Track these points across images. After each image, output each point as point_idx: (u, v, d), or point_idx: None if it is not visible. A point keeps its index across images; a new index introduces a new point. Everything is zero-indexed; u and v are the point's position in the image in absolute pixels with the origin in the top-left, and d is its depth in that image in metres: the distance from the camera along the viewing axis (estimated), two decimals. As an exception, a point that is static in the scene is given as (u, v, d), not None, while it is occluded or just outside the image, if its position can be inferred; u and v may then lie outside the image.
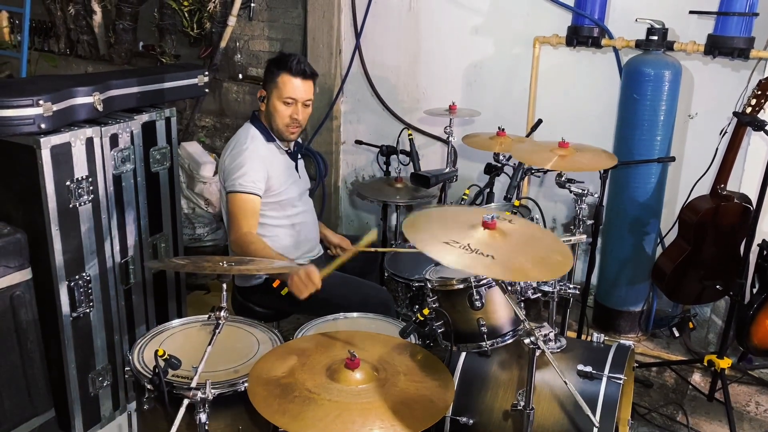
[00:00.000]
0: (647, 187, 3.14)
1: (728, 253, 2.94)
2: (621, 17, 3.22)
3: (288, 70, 2.52)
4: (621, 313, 3.37)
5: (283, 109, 2.54)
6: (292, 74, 2.52)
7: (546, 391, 1.93)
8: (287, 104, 2.54)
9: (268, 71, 2.58)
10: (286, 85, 2.52)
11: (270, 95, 2.56)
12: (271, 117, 2.57)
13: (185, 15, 4.19)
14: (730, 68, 3.10)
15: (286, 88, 2.52)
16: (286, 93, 2.53)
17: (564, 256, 1.73)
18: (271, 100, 2.56)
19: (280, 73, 2.53)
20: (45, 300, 2.40)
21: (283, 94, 2.53)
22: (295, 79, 2.53)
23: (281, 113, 2.55)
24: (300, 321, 2.45)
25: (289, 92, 2.53)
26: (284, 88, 2.53)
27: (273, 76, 2.54)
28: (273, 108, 2.56)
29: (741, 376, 3.04)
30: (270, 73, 2.56)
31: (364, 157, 4.11)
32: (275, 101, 2.55)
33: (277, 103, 2.54)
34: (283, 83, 2.52)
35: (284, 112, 2.55)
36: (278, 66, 2.54)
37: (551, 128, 3.35)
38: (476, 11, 3.57)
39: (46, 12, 4.78)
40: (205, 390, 1.69)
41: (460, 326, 1.97)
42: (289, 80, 2.52)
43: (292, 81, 2.52)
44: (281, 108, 2.54)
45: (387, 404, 1.58)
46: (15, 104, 2.21)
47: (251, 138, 2.57)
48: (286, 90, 2.53)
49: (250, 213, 2.48)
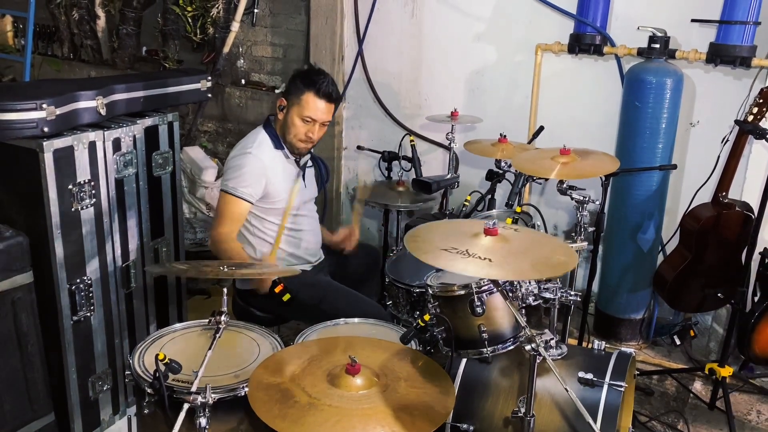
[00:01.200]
0: (649, 194, 3.14)
1: (730, 261, 2.94)
2: (623, 25, 3.23)
3: (315, 91, 2.52)
4: (622, 320, 3.36)
5: (301, 126, 2.55)
6: (318, 95, 2.52)
7: (547, 398, 1.93)
8: (306, 122, 2.55)
9: (293, 84, 2.57)
10: (309, 104, 2.53)
11: (290, 108, 2.56)
12: (287, 129, 2.58)
13: (188, 20, 4.21)
14: (732, 76, 3.10)
15: (309, 107, 2.53)
16: (308, 112, 2.53)
17: (568, 256, 1.73)
18: (290, 113, 2.56)
19: (305, 91, 2.52)
20: (46, 303, 2.40)
21: (305, 112, 2.53)
22: (320, 100, 2.53)
23: (298, 129, 2.56)
24: (300, 326, 2.45)
25: (311, 112, 2.53)
26: (306, 107, 2.53)
27: (298, 91, 2.54)
28: (291, 121, 2.56)
29: (742, 385, 3.03)
30: (295, 87, 2.56)
31: (366, 163, 4.12)
32: (294, 116, 2.55)
33: (296, 118, 2.55)
34: (306, 102, 2.53)
35: (301, 128, 2.56)
36: (306, 83, 2.53)
37: (553, 135, 3.36)
38: (478, 18, 3.58)
39: (50, 16, 4.80)
40: (206, 394, 1.69)
41: (461, 332, 1.97)
42: (313, 101, 2.52)
43: (316, 102, 2.53)
44: (299, 124, 2.55)
45: (387, 410, 1.58)
46: (18, 108, 2.21)
47: (258, 143, 2.57)
48: (308, 109, 2.53)
49: (235, 216, 2.53)
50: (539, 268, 1.70)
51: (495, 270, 1.65)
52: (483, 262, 1.66)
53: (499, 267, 1.66)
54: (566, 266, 1.73)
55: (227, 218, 2.52)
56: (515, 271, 1.70)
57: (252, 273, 2.12)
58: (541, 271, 1.71)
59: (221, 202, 2.54)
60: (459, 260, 1.67)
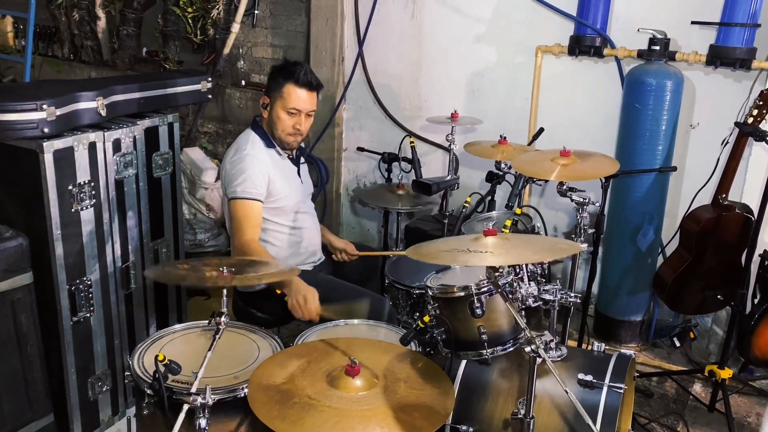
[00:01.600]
0: (649, 196, 3.14)
1: (729, 263, 2.94)
2: (623, 27, 3.23)
3: (294, 81, 2.51)
4: (622, 322, 3.36)
5: (287, 119, 2.55)
6: (298, 85, 2.51)
7: (546, 399, 1.92)
8: (291, 114, 2.54)
9: (272, 79, 2.58)
10: (291, 95, 2.52)
11: (273, 104, 2.56)
12: (273, 125, 2.57)
13: (189, 21, 4.21)
14: (731, 79, 3.11)
15: (291, 98, 2.52)
16: (291, 104, 2.53)
17: (570, 245, 1.74)
18: (274, 108, 2.56)
19: (285, 83, 2.52)
20: (46, 304, 2.40)
21: (288, 104, 2.53)
22: (301, 90, 2.52)
23: (284, 122, 2.55)
24: (300, 327, 2.45)
25: (294, 103, 2.53)
26: (289, 99, 2.52)
27: (278, 85, 2.54)
28: (276, 116, 2.55)
29: (742, 387, 3.03)
30: (275, 82, 2.55)
31: (366, 164, 4.12)
32: (279, 110, 2.55)
33: (281, 112, 2.54)
34: (288, 93, 2.52)
35: (287, 121, 2.55)
36: (284, 76, 2.53)
37: (553, 137, 3.36)
38: (479, 20, 3.58)
39: (50, 17, 4.80)
40: (205, 395, 1.69)
41: (460, 334, 1.97)
42: (294, 91, 2.52)
43: (297, 92, 2.52)
44: (284, 117, 2.54)
45: (387, 411, 1.58)
46: (19, 108, 2.21)
47: (251, 143, 2.57)
48: (291, 100, 2.52)
49: (253, 220, 2.48)
50: (541, 253, 1.70)
51: (497, 258, 1.65)
52: (485, 254, 1.68)
53: (501, 256, 1.67)
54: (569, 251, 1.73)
55: (246, 223, 2.47)
56: (517, 257, 1.71)
57: (251, 277, 2.11)
58: (543, 255, 1.72)
59: (235, 210, 2.48)
60: (460, 256, 1.68)
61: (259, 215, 2.51)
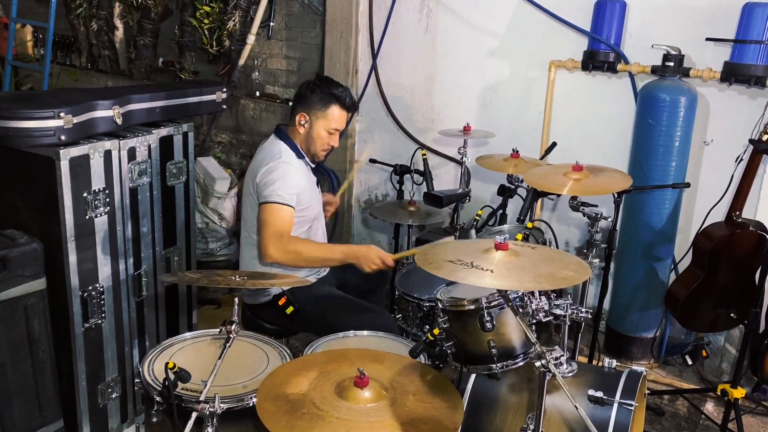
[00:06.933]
0: (661, 212, 3.13)
1: (743, 281, 2.91)
2: (637, 43, 3.23)
3: (342, 105, 2.59)
4: (633, 339, 3.33)
5: (326, 137, 2.62)
6: (344, 108, 2.61)
7: (556, 415, 1.91)
8: (331, 133, 2.62)
9: (315, 97, 2.59)
10: (336, 118, 2.60)
11: (314, 122, 2.60)
12: (312, 141, 2.62)
13: (205, 32, 4.25)
14: (746, 96, 3.09)
15: (336, 120, 2.61)
16: (335, 125, 2.61)
17: (577, 271, 1.72)
18: (314, 126, 2.60)
19: (331, 105, 2.58)
20: (58, 310, 2.42)
21: (332, 125, 2.61)
22: (345, 113, 2.62)
23: (323, 140, 2.62)
24: (310, 338, 2.45)
25: (338, 125, 2.62)
26: (334, 120, 2.60)
27: (322, 105, 2.58)
28: (316, 134, 2.61)
29: (755, 407, 2.99)
30: (319, 102, 2.59)
31: (378, 176, 4.13)
32: (320, 129, 2.60)
33: (322, 131, 2.60)
34: (333, 116, 2.60)
35: (326, 139, 2.63)
36: (330, 97, 2.58)
37: (565, 152, 3.36)
38: (492, 34, 3.60)
39: (69, 27, 4.87)
40: (214, 404, 1.70)
41: (470, 347, 1.96)
42: (340, 114, 2.61)
43: (343, 115, 2.62)
44: (324, 136, 2.61)
45: (395, 424, 1.58)
46: (36, 116, 2.24)
47: (285, 152, 2.59)
48: (336, 122, 2.61)
49: (287, 225, 2.50)
50: (541, 281, 1.69)
51: (494, 281, 1.64)
52: (485, 272, 1.67)
53: (500, 279, 1.65)
54: (572, 280, 1.71)
55: (282, 226, 2.47)
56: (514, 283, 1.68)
57: (263, 283, 2.12)
58: (542, 284, 1.70)
59: (268, 215, 2.47)
60: (461, 271, 1.67)
61: (291, 221, 2.53)
